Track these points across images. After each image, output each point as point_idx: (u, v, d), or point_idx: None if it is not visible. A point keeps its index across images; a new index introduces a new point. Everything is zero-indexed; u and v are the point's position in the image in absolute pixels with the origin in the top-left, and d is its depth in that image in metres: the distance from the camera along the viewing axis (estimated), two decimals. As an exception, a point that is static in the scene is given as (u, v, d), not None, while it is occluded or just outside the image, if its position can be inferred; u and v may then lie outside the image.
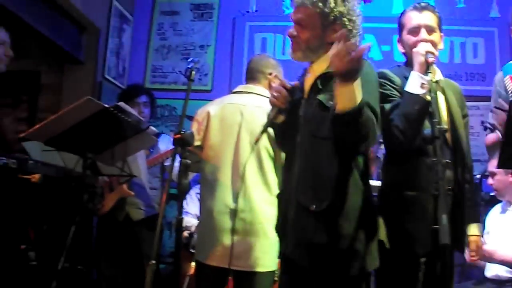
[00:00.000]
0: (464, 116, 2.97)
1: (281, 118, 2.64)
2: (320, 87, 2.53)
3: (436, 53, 2.75)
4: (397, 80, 2.84)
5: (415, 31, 2.87)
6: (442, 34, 2.94)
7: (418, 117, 2.64)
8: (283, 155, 3.07)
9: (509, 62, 3.30)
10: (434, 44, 2.83)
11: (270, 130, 2.79)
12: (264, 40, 6.35)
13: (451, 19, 6.08)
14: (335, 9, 2.55)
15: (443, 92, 2.88)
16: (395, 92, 2.80)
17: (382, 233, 2.72)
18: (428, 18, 2.89)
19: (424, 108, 2.63)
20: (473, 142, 5.77)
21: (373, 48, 6.15)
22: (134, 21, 6.62)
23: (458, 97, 2.97)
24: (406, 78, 2.79)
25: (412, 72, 2.72)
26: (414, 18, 2.90)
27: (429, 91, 2.64)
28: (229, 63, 6.31)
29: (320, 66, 2.59)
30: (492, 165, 3.99)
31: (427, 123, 2.65)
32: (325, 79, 2.52)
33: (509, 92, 3.12)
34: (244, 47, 6.32)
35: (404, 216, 2.72)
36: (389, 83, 2.83)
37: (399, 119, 2.65)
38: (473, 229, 3.01)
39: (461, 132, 2.86)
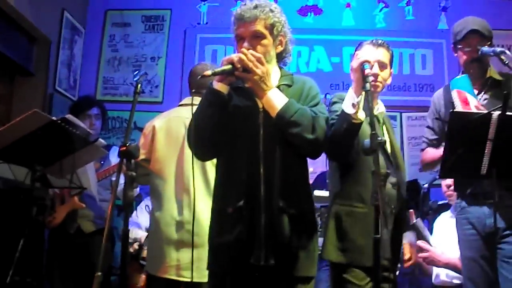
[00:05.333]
0: None
1: (226, 82, 2.56)
2: None
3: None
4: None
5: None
6: (392, 70, 3.06)
7: (344, 135, 2.69)
8: None
9: (456, 77, 3.40)
10: (383, 79, 2.96)
11: None
12: (214, 52, 6.42)
13: (400, 31, 6.26)
14: (280, 19, 2.68)
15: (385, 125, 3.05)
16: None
17: (331, 250, 2.84)
18: (382, 54, 3.00)
19: (351, 128, 2.66)
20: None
21: (323, 59, 6.27)
22: (85, 33, 6.61)
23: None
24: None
25: (349, 90, 2.70)
26: (368, 53, 2.92)
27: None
28: (180, 75, 6.30)
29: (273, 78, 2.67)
30: None
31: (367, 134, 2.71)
32: (283, 90, 2.63)
33: (456, 105, 3.22)
34: (195, 59, 6.35)
35: (353, 229, 2.81)
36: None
37: (332, 132, 2.70)
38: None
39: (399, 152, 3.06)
